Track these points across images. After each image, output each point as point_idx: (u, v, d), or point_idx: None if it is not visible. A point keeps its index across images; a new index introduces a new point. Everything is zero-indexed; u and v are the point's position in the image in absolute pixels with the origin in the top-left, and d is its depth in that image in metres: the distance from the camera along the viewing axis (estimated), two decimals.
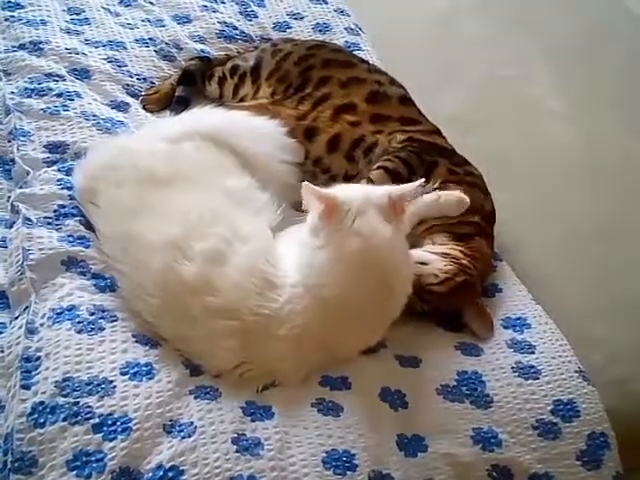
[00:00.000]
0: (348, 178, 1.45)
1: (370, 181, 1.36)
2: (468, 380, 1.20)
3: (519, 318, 1.32)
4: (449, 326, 1.29)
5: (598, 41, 2.00)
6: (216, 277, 1.13)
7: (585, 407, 1.20)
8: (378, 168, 1.38)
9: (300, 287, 1.14)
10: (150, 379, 1.09)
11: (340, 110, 1.49)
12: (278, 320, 1.12)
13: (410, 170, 1.39)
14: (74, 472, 0.99)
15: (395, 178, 1.36)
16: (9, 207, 1.30)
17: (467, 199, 1.34)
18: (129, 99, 1.56)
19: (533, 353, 1.26)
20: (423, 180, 1.21)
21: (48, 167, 1.35)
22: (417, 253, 1.29)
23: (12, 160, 1.37)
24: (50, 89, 1.48)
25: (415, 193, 1.19)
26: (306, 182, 1.18)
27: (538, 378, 1.22)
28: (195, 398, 1.09)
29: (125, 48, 1.66)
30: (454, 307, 1.28)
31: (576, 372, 1.24)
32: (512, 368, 1.23)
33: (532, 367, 1.23)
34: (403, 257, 1.19)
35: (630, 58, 1.96)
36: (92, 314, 1.15)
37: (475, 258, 1.32)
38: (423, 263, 1.26)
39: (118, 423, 1.03)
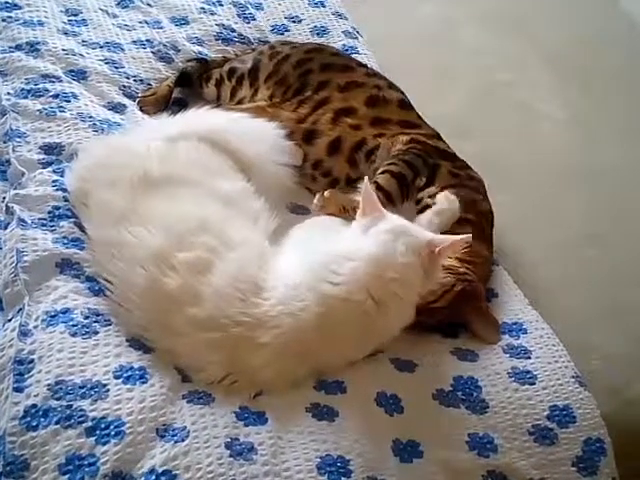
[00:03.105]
0: (351, 181, 1.44)
1: (377, 185, 1.35)
2: (464, 385, 1.19)
3: (515, 323, 1.31)
4: (445, 332, 1.28)
5: (595, 46, 2.00)
6: (200, 287, 1.11)
7: (581, 413, 1.19)
8: (384, 172, 1.38)
9: (302, 287, 1.11)
10: (143, 383, 1.08)
11: (340, 113, 1.49)
12: (261, 327, 1.10)
13: (415, 173, 1.39)
14: (66, 476, 0.98)
15: (400, 181, 1.36)
16: (4, 208, 1.29)
17: (452, 195, 1.34)
18: (126, 101, 1.56)
19: (529, 358, 1.25)
20: (470, 236, 1.20)
21: (43, 168, 1.34)
22: None
23: (7, 161, 1.37)
24: (47, 90, 1.48)
25: (459, 248, 1.20)
26: (366, 178, 1.19)
27: (534, 383, 1.21)
28: (188, 402, 1.08)
29: (122, 50, 1.66)
30: (459, 317, 1.27)
31: (572, 377, 1.23)
32: (508, 373, 1.22)
33: (528, 372, 1.23)
34: (408, 296, 1.16)
35: (627, 63, 1.97)
36: (86, 317, 1.14)
37: (473, 263, 1.31)
38: None
39: (111, 427, 1.02)
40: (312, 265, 1.14)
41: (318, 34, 1.84)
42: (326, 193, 1.34)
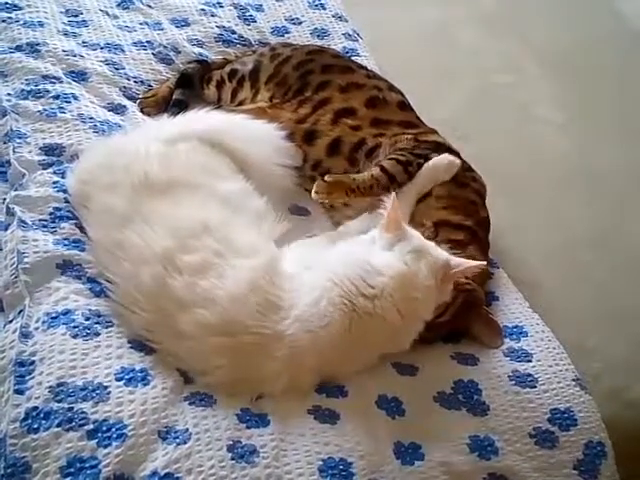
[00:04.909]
0: None
1: (382, 168, 1.35)
2: (464, 388, 1.20)
3: (516, 326, 1.32)
4: (446, 338, 1.28)
5: (592, 47, 2.01)
6: (208, 290, 1.10)
7: (582, 416, 1.19)
8: (391, 159, 1.37)
9: (324, 303, 1.10)
10: (145, 385, 1.08)
11: (340, 114, 1.48)
12: (275, 342, 1.09)
13: (420, 167, 1.38)
14: (68, 479, 0.98)
15: (406, 167, 1.36)
16: (4, 209, 1.29)
17: (457, 160, 1.35)
18: (126, 102, 1.55)
19: (530, 361, 1.25)
20: (484, 263, 1.22)
21: (44, 169, 1.34)
22: None
23: (8, 162, 1.36)
24: (47, 91, 1.47)
25: (472, 272, 1.21)
26: (394, 193, 1.20)
27: (535, 386, 1.21)
28: (190, 405, 1.08)
29: (123, 51, 1.65)
30: (462, 325, 1.27)
31: (573, 380, 1.23)
32: (509, 376, 1.22)
33: (529, 375, 1.23)
34: (425, 314, 1.17)
35: (624, 65, 1.98)
36: (87, 319, 1.13)
37: None
38: None
39: (113, 429, 1.02)
40: (338, 278, 1.13)
41: (318, 36, 1.84)
42: (328, 178, 1.33)
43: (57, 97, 1.46)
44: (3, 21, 1.62)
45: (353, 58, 1.75)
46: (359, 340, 1.13)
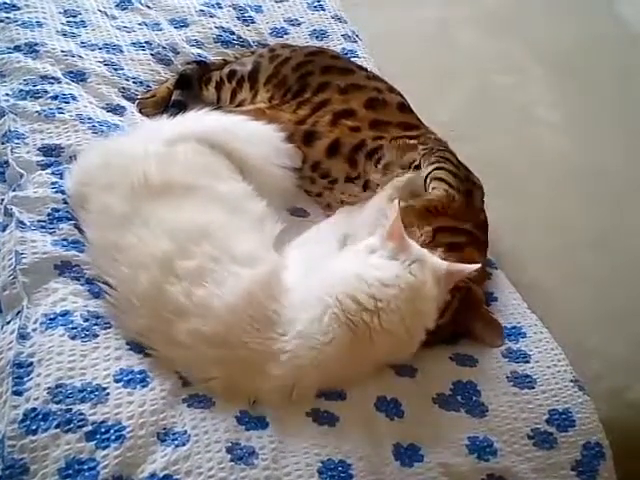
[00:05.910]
0: (349, 180, 1.44)
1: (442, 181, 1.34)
2: (463, 389, 1.19)
3: (514, 327, 1.31)
4: (445, 339, 1.27)
5: (592, 49, 2.01)
6: (206, 299, 1.09)
7: (580, 417, 1.19)
8: (445, 171, 1.35)
9: (326, 319, 1.09)
10: (144, 387, 1.07)
11: (339, 115, 1.49)
12: (273, 360, 1.07)
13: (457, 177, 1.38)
14: None
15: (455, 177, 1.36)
16: (2, 210, 1.28)
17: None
18: (125, 102, 1.56)
19: (528, 362, 1.25)
20: (479, 266, 1.23)
21: (42, 170, 1.34)
22: None
23: (6, 162, 1.36)
24: (45, 91, 1.47)
25: (470, 275, 1.22)
26: (396, 201, 1.19)
27: (533, 387, 1.21)
28: (189, 407, 1.08)
29: (121, 51, 1.66)
30: (462, 326, 1.27)
31: (571, 381, 1.23)
32: (507, 377, 1.22)
33: (527, 376, 1.23)
34: (428, 324, 1.17)
35: (624, 67, 1.98)
36: (86, 320, 1.13)
37: None
38: None
39: (111, 431, 1.02)
40: (340, 294, 1.11)
41: (317, 37, 1.84)
42: (398, 204, 1.23)
43: (56, 97, 1.46)
44: (1, 21, 1.62)
45: (352, 59, 1.75)
46: (363, 354, 1.12)
